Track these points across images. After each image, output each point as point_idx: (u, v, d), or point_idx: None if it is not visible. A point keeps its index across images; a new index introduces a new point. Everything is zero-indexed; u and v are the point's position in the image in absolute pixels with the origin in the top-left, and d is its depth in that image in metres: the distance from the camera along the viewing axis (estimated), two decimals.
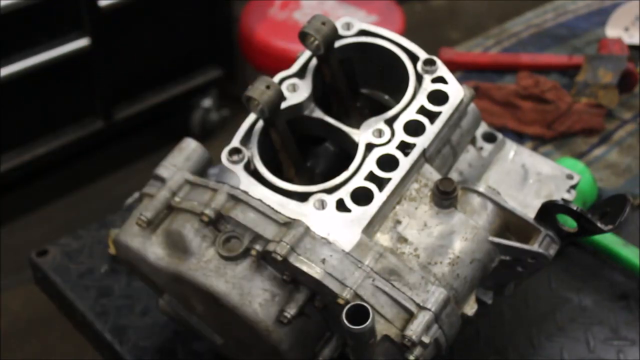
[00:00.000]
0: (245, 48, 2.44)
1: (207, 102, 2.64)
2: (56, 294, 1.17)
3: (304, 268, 0.83)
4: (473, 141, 1.03)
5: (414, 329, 0.83)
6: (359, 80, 1.02)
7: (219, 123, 2.70)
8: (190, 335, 1.09)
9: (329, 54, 0.94)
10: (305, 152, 0.99)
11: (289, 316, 0.85)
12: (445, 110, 0.93)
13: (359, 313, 0.79)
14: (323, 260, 0.84)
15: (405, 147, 0.91)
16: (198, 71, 2.55)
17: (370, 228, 0.88)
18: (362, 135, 0.92)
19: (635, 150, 1.37)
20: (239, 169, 0.90)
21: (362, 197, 0.88)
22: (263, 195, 0.89)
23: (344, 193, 0.88)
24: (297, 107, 0.95)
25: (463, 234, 0.89)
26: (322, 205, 0.88)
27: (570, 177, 1.02)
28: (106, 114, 2.36)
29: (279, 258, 0.83)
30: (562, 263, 1.18)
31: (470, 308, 0.89)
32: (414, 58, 0.97)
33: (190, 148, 0.98)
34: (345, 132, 0.94)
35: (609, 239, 1.17)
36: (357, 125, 0.94)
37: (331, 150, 0.99)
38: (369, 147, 0.91)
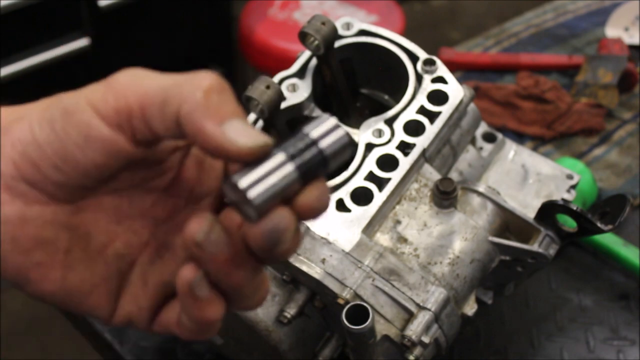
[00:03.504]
0: (245, 48, 2.44)
1: None
2: None
3: (304, 268, 0.83)
4: (473, 141, 1.03)
5: (414, 329, 0.83)
6: (359, 80, 1.02)
7: None
8: None
9: (329, 54, 0.94)
10: None
11: (289, 316, 0.85)
12: (445, 110, 0.93)
13: (359, 313, 0.79)
14: (323, 260, 0.84)
15: (405, 147, 0.91)
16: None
17: (370, 228, 0.88)
18: (362, 135, 0.92)
19: (635, 150, 1.37)
20: None
21: (362, 197, 0.88)
22: None
23: (344, 193, 0.88)
24: (297, 107, 0.95)
25: (463, 234, 0.89)
26: None
27: (570, 177, 1.02)
28: None
29: (279, 257, 0.83)
30: (562, 263, 1.18)
31: (470, 308, 0.89)
32: (413, 58, 0.97)
33: None
34: None
35: (609, 239, 1.17)
36: (357, 125, 0.94)
37: None
38: (369, 147, 0.91)
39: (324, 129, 0.50)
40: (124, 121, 0.49)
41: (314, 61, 0.97)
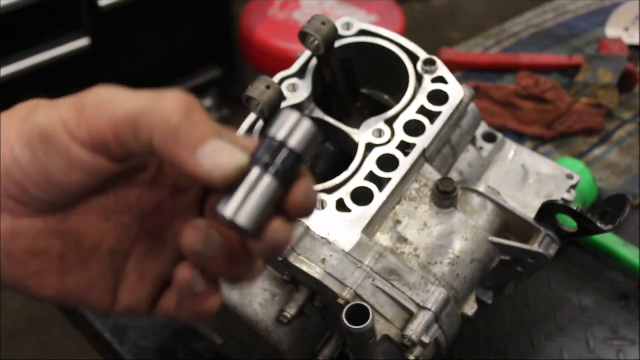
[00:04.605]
0: (245, 48, 2.44)
1: (207, 102, 2.65)
2: None
3: (304, 268, 0.83)
4: (473, 141, 1.03)
5: (414, 329, 0.83)
6: (359, 80, 1.02)
7: (219, 123, 2.70)
8: (190, 335, 1.09)
9: (329, 54, 0.94)
10: None
11: (289, 316, 0.85)
12: (445, 110, 0.93)
13: (359, 313, 0.79)
14: (323, 260, 0.84)
15: (405, 147, 0.91)
16: (198, 71, 2.55)
17: (370, 228, 0.88)
18: (362, 135, 0.92)
19: (635, 150, 1.37)
20: None
21: (362, 197, 0.88)
22: None
23: (344, 193, 0.88)
24: (297, 107, 0.95)
25: (463, 234, 0.89)
26: (322, 205, 0.88)
27: (570, 177, 1.02)
28: None
29: (279, 258, 0.83)
30: (562, 263, 1.18)
31: (470, 308, 0.89)
32: (414, 58, 0.97)
33: None
34: (345, 132, 0.94)
35: (609, 239, 1.17)
36: (357, 125, 0.94)
37: (331, 150, 0.99)
38: (369, 147, 0.91)
39: (289, 127, 0.50)
40: (100, 146, 0.50)
41: (314, 61, 0.97)
